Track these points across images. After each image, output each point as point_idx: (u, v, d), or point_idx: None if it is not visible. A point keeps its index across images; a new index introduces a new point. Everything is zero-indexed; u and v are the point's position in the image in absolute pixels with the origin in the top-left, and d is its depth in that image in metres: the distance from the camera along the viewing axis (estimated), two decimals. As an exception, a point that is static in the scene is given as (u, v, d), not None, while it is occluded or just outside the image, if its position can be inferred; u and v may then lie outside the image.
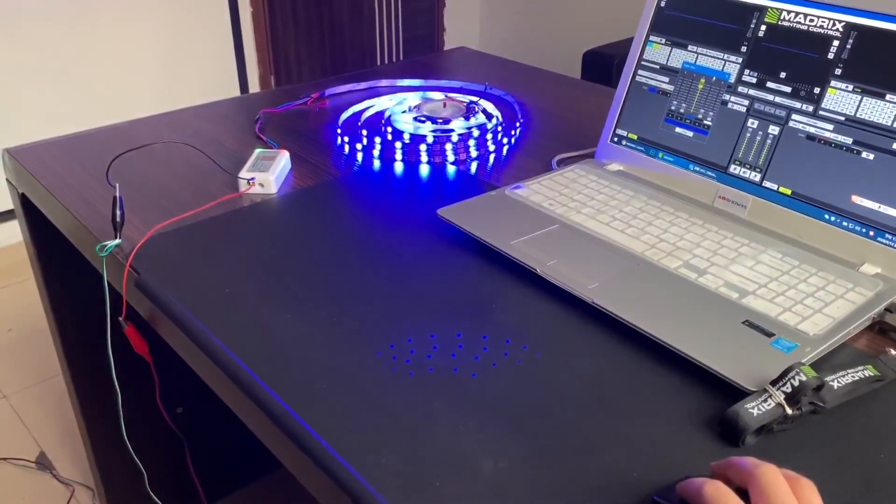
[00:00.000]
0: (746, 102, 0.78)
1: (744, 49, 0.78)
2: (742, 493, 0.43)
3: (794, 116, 0.74)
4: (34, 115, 2.33)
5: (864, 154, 0.70)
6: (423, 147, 0.98)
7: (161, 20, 2.50)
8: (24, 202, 1.01)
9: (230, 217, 0.83)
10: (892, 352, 0.59)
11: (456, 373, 0.59)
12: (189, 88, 2.63)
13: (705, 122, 0.81)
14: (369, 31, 3.14)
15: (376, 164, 0.97)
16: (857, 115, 0.70)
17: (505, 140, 1.03)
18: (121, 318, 0.80)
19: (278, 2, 2.80)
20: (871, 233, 0.69)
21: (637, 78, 0.88)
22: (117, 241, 0.77)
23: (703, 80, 0.82)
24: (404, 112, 1.06)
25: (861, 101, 0.70)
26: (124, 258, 0.75)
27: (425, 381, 0.58)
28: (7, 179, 1.04)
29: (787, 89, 0.75)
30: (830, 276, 0.68)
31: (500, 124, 1.04)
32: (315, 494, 0.54)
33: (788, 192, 0.75)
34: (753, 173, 0.77)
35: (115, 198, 0.78)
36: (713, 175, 0.81)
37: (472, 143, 0.99)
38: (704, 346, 0.59)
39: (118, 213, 0.78)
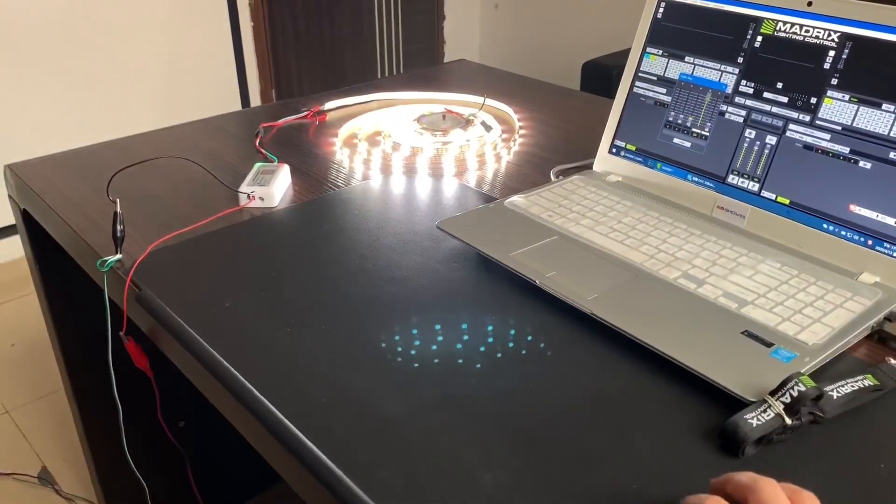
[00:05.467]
0: (744, 113, 0.78)
1: (740, 60, 0.79)
2: None
3: (792, 126, 0.75)
4: (35, 131, 2.34)
5: (861, 163, 0.70)
6: (422, 159, 0.98)
7: (162, 35, 2.52)
8: (26, 218, 1.01)
9: (230, 231, 0.83)
10: (892, 361, 0.59)
11: (456, 385, 0.59)
12: (190, 103, 2.64)
13: (703, 132, 0.82)
14: (370, 45, 3.15)
15: (376, 176, 0.97)
16: (854, 125, 0.70)
17: (504, 151, 1.03)
18: (122, 333, 0.80)
19: (279, 16, 2.82)
20: (870, 242, 0.69)
21: (635, 89, 0.88)
22: (118, 256, 0.77)
23: (700, 91, 0.82)
24: (404, 125, 1.07)
25: (857, 110, 0.70)
26: (125, 273, 0.75)
27: (426, 393, 0.58)
28: (9, 195, 1.04)
29: (784, 99, 0.75)
30: (829, 286, 0.68)
31: (500, 136, 1.04)
32: (315, 508, 0.54)
33: (787, 201, 0.75)
34: (752, 183, 0.77)
35: (115, 213, 0.78)
36: (711, 185, 0.81)
37: (471, 154, 0.99)
38: (703, 357, 0.59)
39: (119, 228, 0.78)
